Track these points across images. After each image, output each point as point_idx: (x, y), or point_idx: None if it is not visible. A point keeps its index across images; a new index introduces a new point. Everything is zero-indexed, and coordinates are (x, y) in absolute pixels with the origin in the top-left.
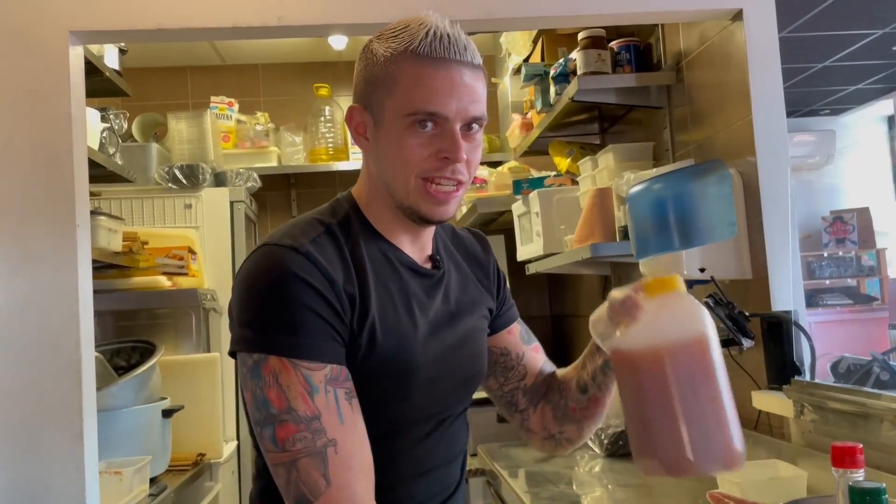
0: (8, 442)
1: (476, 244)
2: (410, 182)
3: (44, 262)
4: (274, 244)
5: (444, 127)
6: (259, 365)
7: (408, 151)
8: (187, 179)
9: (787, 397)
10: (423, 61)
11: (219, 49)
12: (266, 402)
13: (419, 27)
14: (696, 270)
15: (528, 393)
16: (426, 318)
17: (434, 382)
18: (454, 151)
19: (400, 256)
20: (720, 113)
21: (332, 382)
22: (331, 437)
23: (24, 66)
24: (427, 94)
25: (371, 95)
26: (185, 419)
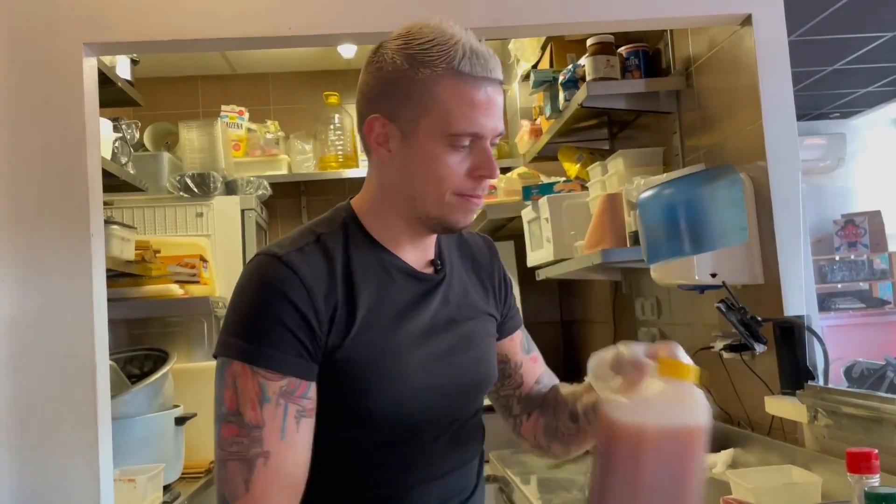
0: (24, 449)
1: (482, 247)
2: (445, 198)
3: (59, 271)
4: (263, 253)
5: (479, 145)
6: (224, 367)
7: (446, 170)
8: (198, 188)
9: (801, 402)
10: (465, 80)
11: (229, 58)
12: (221, 402)
13: (451, 43)
14: (707, 275)
15: (523, 401)
16: (420, 322)
17: (433, 387)
18: (490, 170)
19: (396, 263)
20: (730, 117)
21: (285, 396)
22: (265, 448)
23: (40, 77)
24: (471, 115)
25: (399, 108)
26: (197, 427)
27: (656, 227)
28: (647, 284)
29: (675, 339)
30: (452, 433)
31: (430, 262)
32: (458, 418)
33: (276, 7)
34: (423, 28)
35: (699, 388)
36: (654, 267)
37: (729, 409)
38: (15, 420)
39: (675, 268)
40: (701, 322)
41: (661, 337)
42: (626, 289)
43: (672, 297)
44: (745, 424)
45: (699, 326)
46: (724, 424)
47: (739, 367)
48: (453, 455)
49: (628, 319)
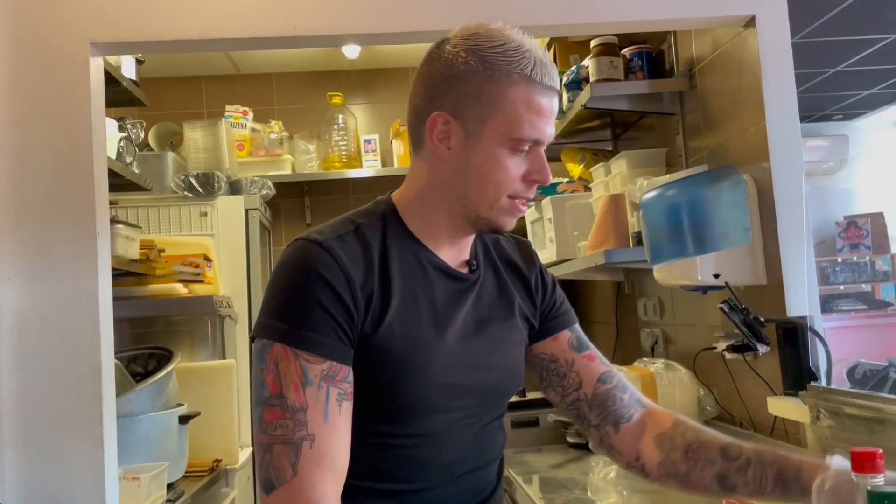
0: (29, 447)
1: (517, 251)
2: (500, 200)
3: (65, 270)
4: (303, 238)
5: (536, 151)
6: (265, 350)
7: (504, 173)
8: (203, 188)
9: (804, 403)
10: (537, 89)
11: (233, 59)
12: (262, 385)
13: (523, 50)
14: (710, 276)
15: (596, 407)
16: (452, 321)
17: (459, 386)
18: (545, 175)
19: (432, 259)
20: (733, 119)
21: (327, 379)
22: (310, 431)
23: (46, 76)
24: (536, 122)
25: (465, 106)
26: (201, 425)
27: (659, 228)
28: (649, 285)
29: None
30: (474, 434)
31: (466, 262)
32: (480, 420)
33: (282, 8)
34: (492, 31)
35: None
36: (657, 267)
37: (731, 410)
38: (21, 417)
39: (678, 268)
40: (704, 323)
41: (664, 337)
42: (628, 289)
43: (675, 298)
44: (747, 425)
45: (702, 327)
46: (727, 425)
47: (742, 368)
48: (473, 456)
49: (631, 320)
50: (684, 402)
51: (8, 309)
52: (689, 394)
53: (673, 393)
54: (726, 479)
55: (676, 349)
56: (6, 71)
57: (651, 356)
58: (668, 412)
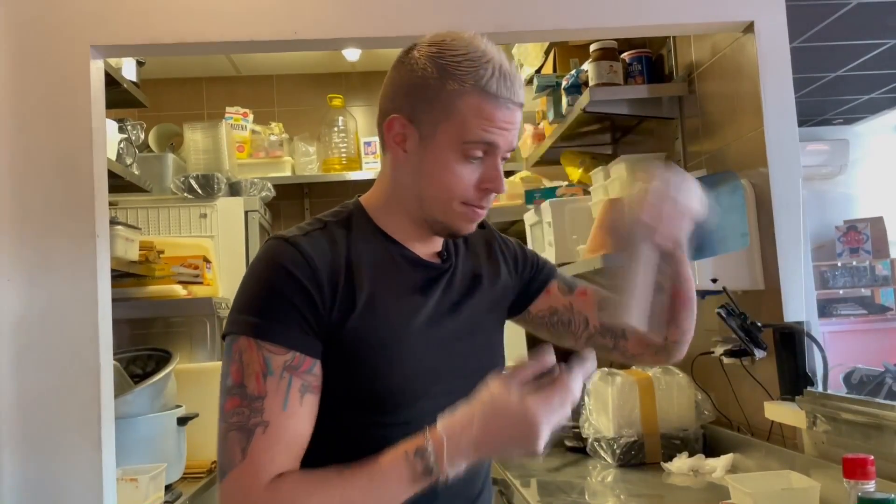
0: (28, 448)
1: (479, 231)
2: (452, 205)
3: (64, 271)
4: (272, 237)
5: (490, 159)
6: (231, 344)
7: (455, 179)
8: (202, 189)
9: (800, 408)
10: (488, 99)
11: (234, 61)
12: (227, 376)
13: (483, 61)
14: (708, 281)
15: (606, 332)
16: (424, 307)
17: (437, 371)
18: (497, 184)
19: (402, 252)
20: (732, 124)
21: (290, 370)
22: (265, 418)
23: (47, 79)
24: (487, 128)
25: (421, 112)
26: (199, 427)
27: None
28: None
29: None
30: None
31: (437, 253)
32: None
33: (282, 11)
34: (457, 40)
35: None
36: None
37: (729, 415)
38: (19, 418)
39: None
40: (701, 327)
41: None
42: None
43: None
44: (744, 430)
45: (699, 332)
46: (724, 429)
47: (739, 373)
48: None
49: None
50: (682, 406)
51: (7, 309)
52: (686, 398)
53: (671, 397)
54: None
55: None
56: (7, 73)
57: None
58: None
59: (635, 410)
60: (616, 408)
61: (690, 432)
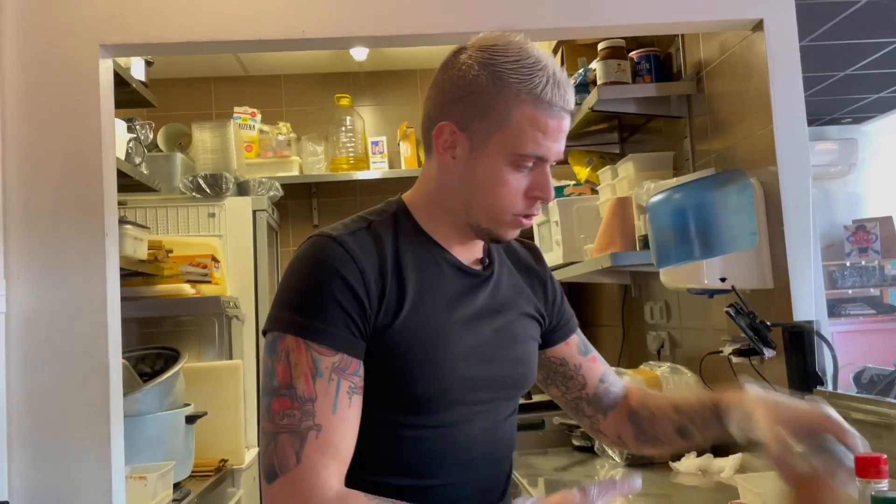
0: (37, 446)
1: (528, 254)
2: (502, 216)
3: (73, 270)
4: (318, 234)
5: (540, 167)
6: (276, 341)
7: (506, 190)
8: (211, 189)
9: None
10: (545, 108)
11: (242, 60)
12: (273, 375)
13: (537, 68)
14: (717, 280)
15: (593, 402)
16: (466, 314)
17: (475, 378)
18: (547, 193)
19: (445, 256)
20: (741, 122)
21: (338, 371)
22: (317, 421)
23: (57, 78)
24: (541, 140)
25: (472, 119)
26: (207, 425)
27: (666, 232)
28: (656, 288)
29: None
30: (489, 429)
31: (479, 259)
32: (496, 416)
33: (291, 10)
34: (510, 45)
35: None
36: (663, 271)
37: None
38: (29, 416)
39: (684, 272)
40: (710, 326)
41: (670, 341)
42: (635, 292)
43: (681, 301)
44: None
45: (708, 331)
46: None
47: (748, 372)
48: (488, 452)
49: (637, 323)
50: None
51: (17, 308)
52: None
53: None
54: (684, 431)
55: (683, 352)
56: (18, 73)
57: (657, 359)
58: (634, 390)
59: None
60: None
61: None
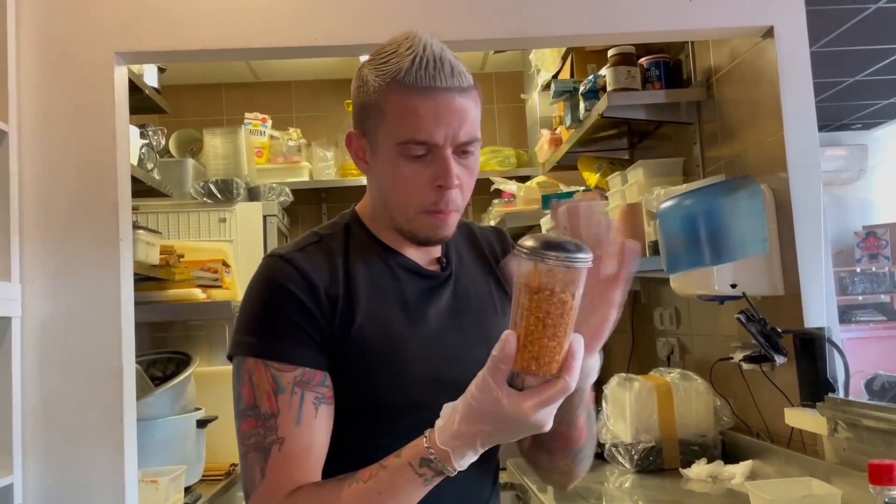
0: (52, 449)
1: (494, 240)
2: (409, 213)
3: (88, 275)
4: (269, 255)
5: (436, 154)
6: (240, 365)
7: (403, 182)
8: (222, 194)
9: (821, 415)
10: (410, 91)
11: (253, 67)
12: (239, 398)
13: (405, 54)
14: (727, 286)
15: None
16: (424, 317)
17: (440, 381)
18: (447, 179)
19: (400, 261)
20: (751, 129)
21: (301, 384)
22: (280, 435)
23: (72, 85)
24: (415, 124)
25: (365, 122)
26: (218, 430)
27: (676, 238)
28: (666, 294)
29: (693, 350)
30: None
31: (437, 259)
32: None
33: (302, 18)
34: (391, 43)
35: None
36: (673, 277)
37: (748, 421)
38: (43, 420)
39: (694, 278)
40: (720, 333)
41: (680, 347)
42: (645, 299)
43: (691, 308)
44: (764, 436)
45: (719, 337)
46: (743, 436)
47: (759, 379)
48: None
49: (647, 329)
50: (700, 412)
51: (32, 313)
52: (705, 404)
53: (689, 403)
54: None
55: (693, 359)
56: (34, 80)
57: (667, 366)
58: None
59: (653, 416)
60: (634, 413)
61: (709, 438)
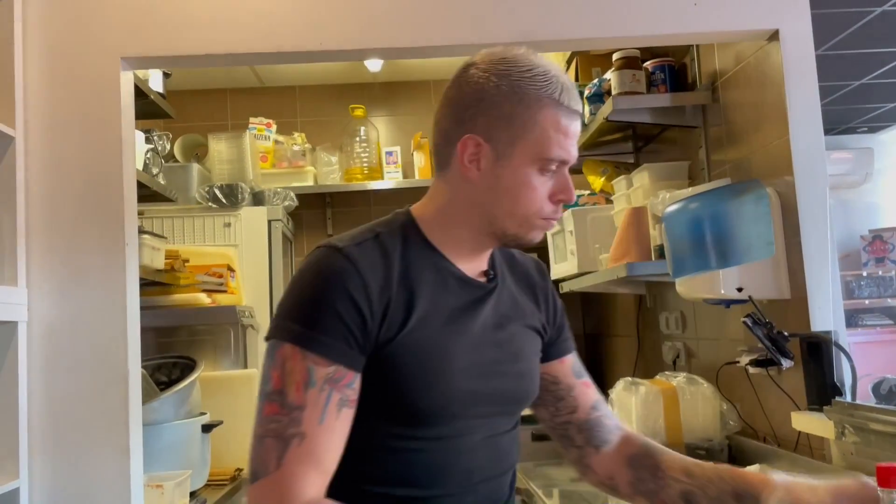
0: (57, 454)
1: (534, 268)
2: (531, 220)
3: (94, 280)
4: (324, 245)
5: (562, 171)
6: (275, 348)
7: (533, 192)
8: (227, 199)
9: (828, 418)
10: (564, 112)
11: (257, 72)
12: (268, 380)
13: (550, 75)
14: (733, 290)
15: (584, 431)
16: (470, 327)
17: (478, 392)
18: (570, 194)
19: (450, 268)
20: (757, 132)
21: (331, 382)
22: (302, 429)
23: (78, 90)
24: (564, 143)
25: (497, 130)
26: (223, 434)
27: (682, 241)
28: (672, 298)
29: (699, 354)
30: (490, 443)
31: (484, 272)
32: (497, 429)
33: (308, 23)
34: (519, 56)
35: None
36: (679, 281)
37: (755, 425)
38: (49, 425)
39: (700, 282)
40: (727, 337)
41: (686, 351)
42: (650, 303)
43: (697, 312)
44: (771, 440)
45: (725, 341)
46: (750, 440)
47: (766, 383)
48: (490, 464)
49: (653, 333)
50: (707, 416)
51: (38, 317)
52: (711, 408)
53: (696, 407)
54: (691, 497)
55: (699, 363)
56: (40, 85)
57: (673, 370)
58: (638, 436)
59: (659, 420)
60: (640, 417)
61: (715, 443)
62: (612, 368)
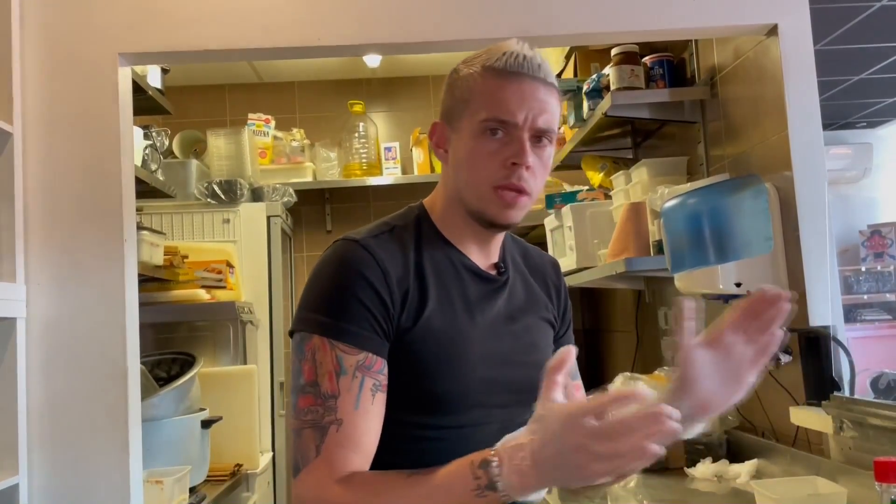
0: (56, 450)
1: (548, 265)
2: (482, 189)
3: (92, 276)
4: (342, 238)
5: (513, 135)
6: (304, 341)
7: (480, 158)
8: (225, 195)
9: (827, 413)
10: (498, 74)
11: (256, 67)
12: (299, 374)
13: (498, 49)
14: (732, 285)
15: None
16: (485, 318)
17: (493, 382)
18: (521, 156)
19: (463, 260)
20: (755, 127)
21: (362, 369)
22: (339, 416)
23: (76, 86)
24: (499, 103)
25: (453, 111)
26: (222, 430)
27: (680, 237)
28: (670, 293)
29: None
30: (506, 433)
31: (494, 265)
32: (513, 419)
33: (306, 18)
34: (494, 46)
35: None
36: (678, 276)
37: (754, 420)
38: (48, 421)
39: (699, 277)
40: None
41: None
42: (649, 298)
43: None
44: (769, 435)
45: None
46: (748, 435)
47: (764, 378)
48: None
49: (651, 329)
50: None
51: (37, 314)
52: None
53: None
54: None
55: None
56: (38, 81)
57: (672, 365)
58: None
59: None
60: None
61: (714, 437)
62: (610, 363)
